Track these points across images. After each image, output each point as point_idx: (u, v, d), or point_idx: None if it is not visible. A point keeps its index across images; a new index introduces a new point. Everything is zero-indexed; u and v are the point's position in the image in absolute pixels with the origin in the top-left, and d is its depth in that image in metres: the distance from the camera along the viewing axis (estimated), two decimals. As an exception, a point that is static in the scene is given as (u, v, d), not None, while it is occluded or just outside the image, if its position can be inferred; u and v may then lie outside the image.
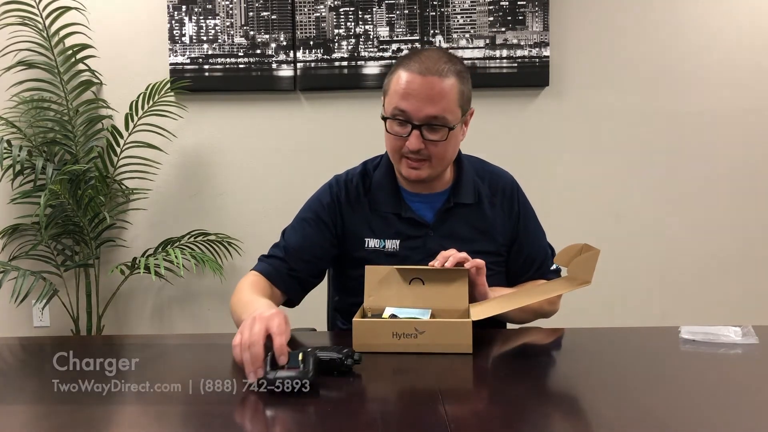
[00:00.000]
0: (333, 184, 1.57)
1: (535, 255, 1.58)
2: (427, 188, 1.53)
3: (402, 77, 1.40)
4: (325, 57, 2.81)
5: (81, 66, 2.77)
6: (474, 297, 1.39)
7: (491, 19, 2.80)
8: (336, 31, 2.81)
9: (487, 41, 2.80)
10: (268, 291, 1.46)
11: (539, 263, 1.59)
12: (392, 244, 1.50)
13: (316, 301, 1.65)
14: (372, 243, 1.51)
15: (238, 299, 1.40)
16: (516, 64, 2.80)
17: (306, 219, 1.54)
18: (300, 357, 1.06)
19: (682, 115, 2.86)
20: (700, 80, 2.85)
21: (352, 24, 2.81)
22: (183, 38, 2.83)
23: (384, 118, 1.44)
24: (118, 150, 2.74)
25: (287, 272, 1.49)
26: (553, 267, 1.59)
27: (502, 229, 1.55)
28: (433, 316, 1.32)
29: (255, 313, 1.16)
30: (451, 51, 1.86)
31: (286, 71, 2.82)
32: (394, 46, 2.81)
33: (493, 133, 2.83)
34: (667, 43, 2.84)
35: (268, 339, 1.10)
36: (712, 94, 2.85)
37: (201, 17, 2.82)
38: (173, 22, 2.83)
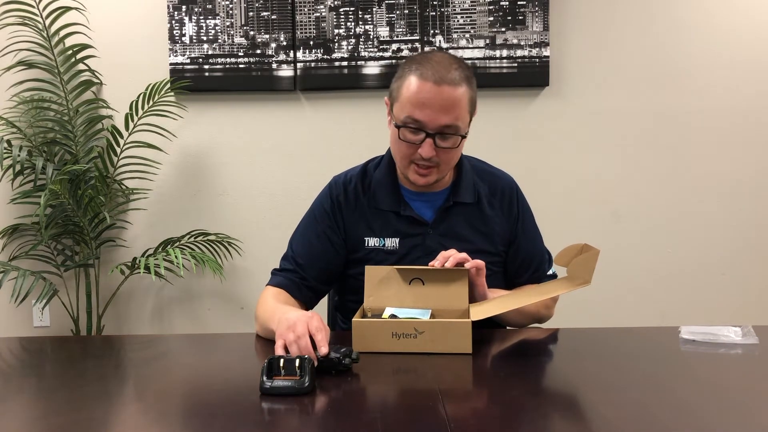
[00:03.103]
0: (332, 186, 1.58)
1: (532, 257, 1.58)
2: (428, 187, 1.53)
3: (414, 84, 1.37)
4: (325, 57, 2.81)
5: (81, 66, 2.77)
6: (473, 297, 1.39)
7: (491, 19, 2.80)
8: (336, 31, 2.81)
9: (487, 41, 2.80)
10: (291, 301, 1.49)
11: (536, 265, 1.59)
12: (392, 243, 1.50)
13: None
14: (372, 242, 1.51)
15: (264, 310, 1.42)
16: (516, 64, 2.80)
17: (311, 228, 1.55)
18: (297, 364, 1.05)
19: (682, 114, 2.86)
20: (700, 80, 2.85)
21: (352, 24, 2.81)
22: (183, 38, 2.83)
23: (397, 126, 1.41)
24: (118, 150, 2.74)
25: (301, 282, 1.51)
26: (550, 272, 1.60)
27: (500, 230, 1.55)
28: (433, 316, 1.32)
29: (286, 315, 1.22)
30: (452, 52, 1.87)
31: (286, 71, 2.82)
32: (394, 46, 2.81)
33: (493, 133, 2.83)
34: (666, 43, 2.84)
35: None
36: (712, 94, 2.85)
37: (201, 17, 2.82)
38: (173, 22, 2.83)
